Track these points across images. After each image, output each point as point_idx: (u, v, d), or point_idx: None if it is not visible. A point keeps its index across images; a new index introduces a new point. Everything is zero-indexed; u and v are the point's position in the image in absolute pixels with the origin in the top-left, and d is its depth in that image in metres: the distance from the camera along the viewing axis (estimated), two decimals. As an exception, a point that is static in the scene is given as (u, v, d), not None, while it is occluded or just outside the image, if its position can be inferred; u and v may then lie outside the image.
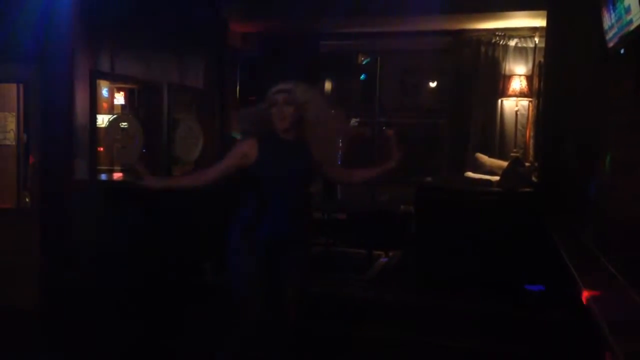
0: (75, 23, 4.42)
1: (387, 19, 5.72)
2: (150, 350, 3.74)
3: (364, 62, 7.44)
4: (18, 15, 4.31)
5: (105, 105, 5.71)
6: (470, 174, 5.21)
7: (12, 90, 4.93)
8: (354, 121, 7.72)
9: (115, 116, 5.02)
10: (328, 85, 7.52)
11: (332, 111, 3.08)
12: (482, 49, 6.14)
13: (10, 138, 4.90)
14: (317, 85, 3.03)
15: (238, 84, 6.38)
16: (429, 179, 6.32)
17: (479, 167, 5.41)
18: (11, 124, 4.92)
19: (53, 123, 4.44)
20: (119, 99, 5.92)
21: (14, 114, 4.97)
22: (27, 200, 4.70)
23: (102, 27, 4.71)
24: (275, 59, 6.31)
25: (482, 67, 6.15)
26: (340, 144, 3.23)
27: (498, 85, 6.11)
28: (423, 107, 7.37)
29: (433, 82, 7.47)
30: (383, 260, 5.36)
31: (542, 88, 5.17)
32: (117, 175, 5.32)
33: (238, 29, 6.31)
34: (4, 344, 3.83)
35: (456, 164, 5.99)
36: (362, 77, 7.49)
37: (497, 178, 4.88)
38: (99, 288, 4.18)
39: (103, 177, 5.08)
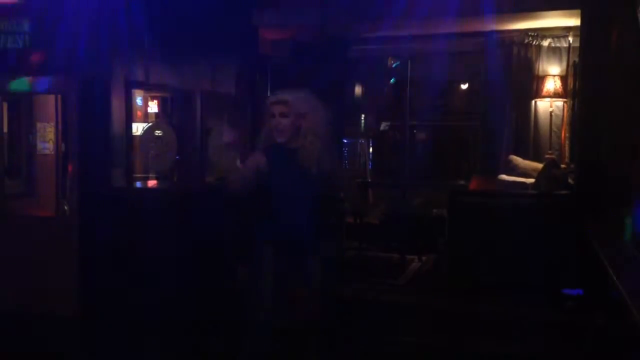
0: (111, 34, 4.53)
1: (417, 21, 5.69)
2: (189, 356, 3.79)
3: (393, 66, 7.41)
4: (55, 29, 4.45)
5: (139, 113, 5.84)
6: (504, 177, 5.13)
7: (50, 101, 5.09)
8: (384, 125, 7.71)
9: (149, 124, 5.12)
10: (358, 90, 7.52)
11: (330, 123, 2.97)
12: (515, 49, 6.06)
13: (50, 147, 5.05)
14: (343, 90, 2.97)
15: (269, 90, 6.43)
16: (461, 181, 6.27)
17: (513, 170, 5.32)
18: (50, 133, 5.09)
19: (90, 132, 4.56)
20: (153, 107, 6.04)
21: (53, 124, 5.13)
22: (65, 208, 4.84)
23: (136, 37, 4.82)
24: (306, 65, 6.34)
25: (514, 68, 6.06)
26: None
27: (531, 86, 6.02)
28: (454, 110, 7.30)
29: (464, 84, 7.40)
30: (416, 264, 5.32)
31: (577, 88, 5.07)
32: (152, 183, 5.43)
33: (268, 36, 6.36)
34: (44, 350, 3.94)
35: (489, 166, 5.91)
36: (392, 80, 7.47)
37: (532, 180, 4.80)
38: (137, 294, 4.25)
39: (138, 184, 5.19)
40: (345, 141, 7.11)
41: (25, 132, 5.12)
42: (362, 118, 7.60)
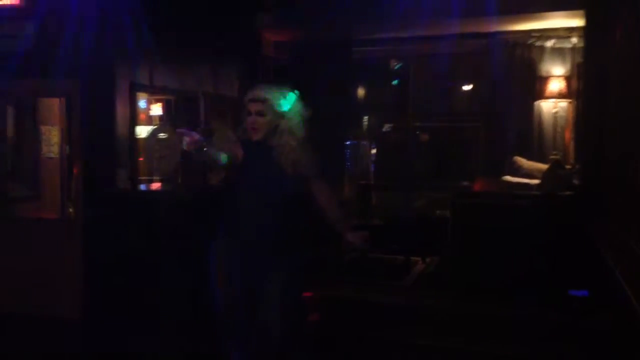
0: (115, 37, 4.54)
1: (420, 23, 5.69)
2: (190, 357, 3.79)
3: (395, 67, 7.42)
4: (60, 32, 4.46)
5: (142, 116, 5.85)
6: (508, 178, 5.13)
7: (55, 104, 5.10)
8: (387, 126, 7.71)
9: (154, 127, 5.14)
10: (361, 92, 7.52)
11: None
12: (518, 50, 6.06)
13: (55, 151, 5.06)
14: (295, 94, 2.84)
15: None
16: (465, 183, 6.26)
17: (517, 171, 5.32)
18: (55, 137, 5.10)
19: (95, 135, 4.57)
20: (156, 109, 6.06)
21: (57, 127, 5.14)
22: (70, 210, 4.84)
23: (140, 40, 4.83)
24: (308, 67, 6.34)
25: (517, 69, 6.05)
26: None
27: (534, 87, 6.01)
28: (457, 111, 7.30)
29: (467, 85, 7.40)
30: (420, 266, 5.32)
31: (581, 89, 5.06)
32: (156, 185, 5.44)
33: (271, 38, 6.37)
34: (48, 353, 3.94)
35: (493, 167, 5.91)
36: (395, 82, 7.47)
37: (536, 181, 4.79)
38: (141, 296, 4.26)
39: (142, 187, 5.20)
40: (347, 143, 7.11)
41: (30, 135, 5.13)
42: (365, 120, 7.61)
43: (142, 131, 5.31)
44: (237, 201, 2.78)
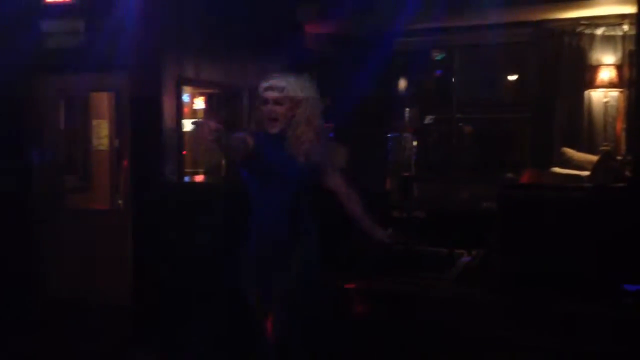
0: (162, 32, 4.62)
1: (465, 12, 5.61)
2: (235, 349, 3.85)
3: (438, 58, 7.33)
4: (109, 28, 4.57)
5: (186, 110, 5.95)
6: (557, 170, 5.01)
7: (104, 98, 5.25)
8: (429, 118, 7.63)
9: (199, 120, 5.21)
10: (402, 83, 7.46)
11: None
12: (566, 39, 5.90)
13: (104, 143, 5.21)
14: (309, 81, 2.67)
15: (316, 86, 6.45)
16: (510, 175, 6.15)
17: (566, 162, 5.19)
18: (104, 130, 5.24)
19: (142, 128, 4.66)
20: (199, 103, 6.14)
21: (107, 120, 5.29)
22: (119, 202, 4.98)
23: (185, 35, 4.91)
24: (351, 59, 6.33)
25: (566, 59, 5.90)
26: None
27: (584, 76, 5.85)
28: (502, 102, 7.17)
29: (513, 75, 7.25)
30: (465, 259, 5.25)
31: (633, 78, 4.90)
32: (200, 177, 5.53)
33: (313, 30, 6.38)
34: (100, 339, 4.08)
35: (541, 159, 5.78)
36: (437, 73, 7.39)
37: (586, 173, 4.67)
38: (189, 286, 4.34)
39: (186, 179, 5.30)
40: (390, 135, 7.08)
41: (81, 128, 5.29)
42: (407, 111, 7.55)
43: (187, 125, 5.39)
44: (250, 196, 2.66)
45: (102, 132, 5.21)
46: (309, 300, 2.64)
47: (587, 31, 5.84)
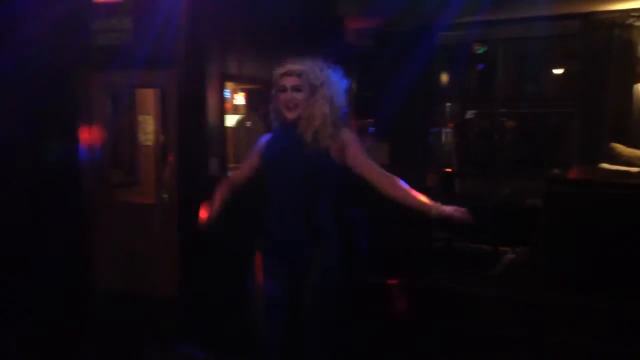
0: (206, 30, 4.69)
1: (509, 5, 5.51)
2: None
3: (480, 51, 7.21)
4: (155, 25, 4.66)
5: (227, 105, 6.02)
6: (605, 166, 4.87)
7: (150, 94, 5.35)
8: (471, 113, 7.51)
9: (242, 116, 5.28)
10: (444, 78, 7.37)
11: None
12: (616, 31, 5.72)
13: (150, 139, 5.31)
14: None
15: (355, 80, 6.44)
16: (555, 170, 6.01)
17: (615, 158, 5.04)
18: (150, 125, 5.35)
19: (187, 124, 4.74)
20: (239, 99, 6.21)
21: (152, 116, 5.39)
22: (164, 196, 5.08)
23: (228, 31, 4.96)
24: (391, 54, 6.29)
25: (615, 51, 5.72)
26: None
27: (634, 69, 5.66)
28: (547, 96, 7.01)
29: (558, 69, 7.08)
30: (509, 256, 5.17)
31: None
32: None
33: (354, 25, 6.36)
34: (147, 330, 4.18)
35: (588, 155, 5.63)
36: (480, 66, 7.27)
37: (636, 169, 4.53)
38: (233, 278, 4.40)
39: (229, 173, 5.36)
40: (431, 130, 7.00)
41: (127, 124, 5.42)
42: (448, 106, 7.45)
43: (229, 120, 5.46)
44: (266, 194, 2.51)
45: (148, 127, 5.32)
46: (326, 309, 2.45)
47: (638, 23, 5.65)
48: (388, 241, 4.57)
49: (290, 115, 2.40)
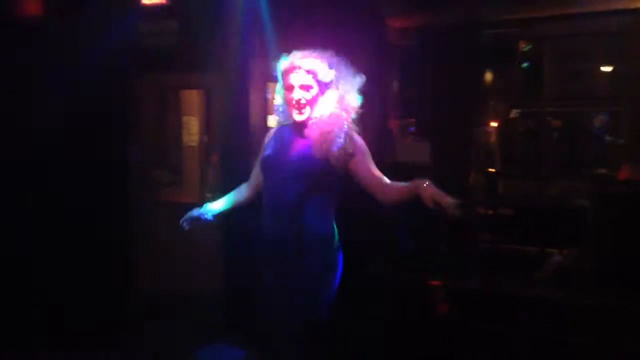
0: (250, 31, 4.73)
1: (554, 1, 5.37)
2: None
3: (525, 49, 7.06)
4: (200, 28, 4.73)
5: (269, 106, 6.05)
6: (658, 166, 4.71)
7: (194, 96, 5.44)
8: (515, 112, 7.36)
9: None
10: (488, 76, 7.25)
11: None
12: (670, 27, 5.51)
13: (195, 140, 5.39)
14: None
15: (398, 81, 6.39)
16: (602, 170, 5.84)
17: (668, 158, 4.87)
18: (194, 126, 5.43)
19: (231, 125, 4.80)
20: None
21: (197, 117, 5.47)
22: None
23: (270, 31, 4.99)
24: (434, 53, 6.22)
25: (667, 47, 5.52)
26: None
27: (687, 66, 5.45)
28: (596, 95, 6.82)
29: (607, 67, 6.87)
30: (557, 258, 5.05)
31: None
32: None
33: (396, 24, 6.31)
34: (193, 327, 4.24)
35: (638, 154, 5.45)
36: (525, 65, 7.12)
37: (691, 170, 4.36)
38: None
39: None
40: (473, 129, 6.89)
41: (172, 125, 5.51)
42: (492, 105, 7.32)
43: (271, 120, 5.48)
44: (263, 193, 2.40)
45: (192, 128, 5.39)
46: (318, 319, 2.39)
47: (692, 19, 5.44)
48: (433, 242, 4.53)
49: (299, 118, 2.29)
